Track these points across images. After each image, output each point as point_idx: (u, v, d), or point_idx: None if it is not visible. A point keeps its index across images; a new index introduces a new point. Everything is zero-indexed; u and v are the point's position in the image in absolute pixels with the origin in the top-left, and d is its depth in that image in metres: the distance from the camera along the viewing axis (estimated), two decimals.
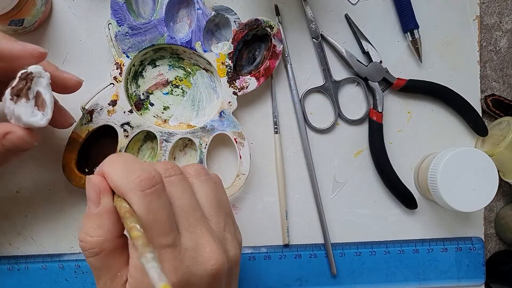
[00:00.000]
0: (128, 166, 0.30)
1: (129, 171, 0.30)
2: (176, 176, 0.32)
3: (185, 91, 0.47)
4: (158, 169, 0.31)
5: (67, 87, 0.39)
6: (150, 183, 0.29)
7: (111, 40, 0.45)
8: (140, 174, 0.29)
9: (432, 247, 0.49)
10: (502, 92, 0.51)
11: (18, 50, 0.34)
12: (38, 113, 0.34)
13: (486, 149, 0.48)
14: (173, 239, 0.30)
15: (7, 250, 0.47)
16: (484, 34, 0.51)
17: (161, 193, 0.30)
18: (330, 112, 0.49)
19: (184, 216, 0.31)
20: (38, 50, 0.35)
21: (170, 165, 0.33)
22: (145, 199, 0.29)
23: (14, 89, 0.33)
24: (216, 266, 0.31)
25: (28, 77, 0.33)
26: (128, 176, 0.29)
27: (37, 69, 0.34)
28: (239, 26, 0.46)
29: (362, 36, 0.49)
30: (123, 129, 0.45)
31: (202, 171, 0.35)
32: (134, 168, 0.30)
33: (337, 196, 0.49)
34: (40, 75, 0.34)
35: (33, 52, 0.34)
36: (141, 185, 0.29)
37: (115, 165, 0.31)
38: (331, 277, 0.49)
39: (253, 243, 0.49)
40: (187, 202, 0.32)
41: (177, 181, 0.32)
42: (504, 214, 0.50)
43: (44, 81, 0.34)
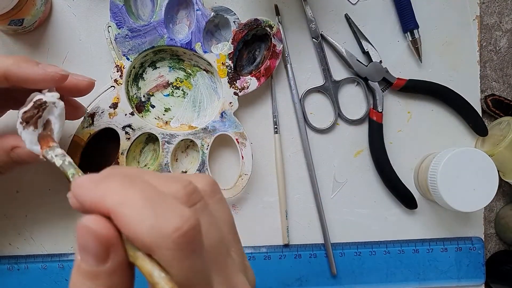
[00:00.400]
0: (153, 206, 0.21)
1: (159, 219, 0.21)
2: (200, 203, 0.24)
3: (186, 93, 0.47)
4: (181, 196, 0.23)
5: (80, 89, 0.38)
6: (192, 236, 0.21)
7: (111, 42, 0.45)
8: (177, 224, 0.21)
9: (432, 247, 0.49)
10: (502, 92, 0.51)
11: (39, 74, 0.33)
12: None
13: (486, 149, 0.48)
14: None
15: (7, 250, 0.47)
16: (484, 34, 0.51)
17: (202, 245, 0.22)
18: (330, 112, 0.49)
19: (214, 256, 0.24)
20: (60, 73, 0.34)
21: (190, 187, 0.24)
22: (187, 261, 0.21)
23: (25, 115, 0.32)
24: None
25: (41, 106, 0.33)
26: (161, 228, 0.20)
27: (52, 98, 0.33)
28: (238, 26, 0.45)
29: (362, 36, 0.49)
30: (125, 131, 0.45)
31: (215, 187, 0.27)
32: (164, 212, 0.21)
33: (337, 196, 0.49)
34: (54, 105, 0.33)
35: (54, 76, 0.34)
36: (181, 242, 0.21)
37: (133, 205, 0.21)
38: (331, 277, 0.49)
39: (253, 243, 0.49)
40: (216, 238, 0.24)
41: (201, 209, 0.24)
42: (504, 214, 0.50)
43: (56, 111, 0.33)
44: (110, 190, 0.22)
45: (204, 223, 0.23)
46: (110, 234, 0.21)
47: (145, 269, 0.21)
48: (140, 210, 0.21)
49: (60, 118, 0.34)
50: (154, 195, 0.22)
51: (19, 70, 0.33)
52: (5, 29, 0.45)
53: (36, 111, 0.32)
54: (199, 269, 0.22)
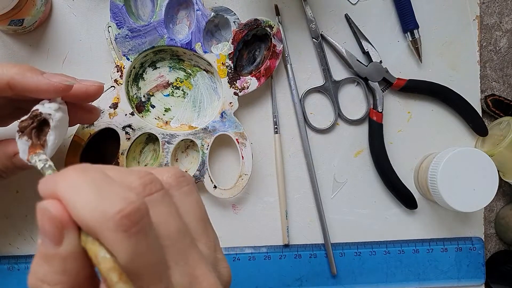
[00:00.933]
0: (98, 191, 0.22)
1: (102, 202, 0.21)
2: (158, 193, 0.24)
3: (186, 93, 0.47)
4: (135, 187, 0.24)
5: (90, 95, 0.37)
6: (135, 218, 0.21)
7: (111, 42, 0.45)
8: (120, 206, 0.21)
9: (432, 247, 0.49)
10: (502, 92, 0.51)
11: (44, 84, 0.33)
12: None
13: (486, 149, 0.48)
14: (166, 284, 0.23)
15: (7, 250, 0.47)
16: (484, 34, 0.51)
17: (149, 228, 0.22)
18: (330, 112, 0.49)
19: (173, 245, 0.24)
20: (64, 84, 0.34)
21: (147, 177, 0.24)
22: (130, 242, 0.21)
23: (21, 125, 0.32)
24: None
25: (35, 117, 0.33)
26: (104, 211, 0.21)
27: (49, 110, 0.33)
28: (238, 27, 0.46)
29: (362, 36, 0.49)
30: (125, 131, 0.45)
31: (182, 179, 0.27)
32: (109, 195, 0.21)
33: (337, 196, 0.49)
34: (50, 116, 0.33)
35: (58, 87, 0.33)
36: (123, 223, 0.21)
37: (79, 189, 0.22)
38: (331, 277, 0.49)
39: (253, 243, 0.49)
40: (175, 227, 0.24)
41: (160, 199, 0.24)
42: (504, 214, 0.50)
43: (52, 123, 0.33)
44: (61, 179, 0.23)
45: (161, 213, 0.24)
46: (63, 216, 0.22)
47: (92, 251, 0.22)
48: (84, 194, 0.21)
49: (56, 130, 0.33)
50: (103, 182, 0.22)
51: (24, 79, 0.33)
52: (5, 29, 0.45)
53: (31, 122, 0.32)
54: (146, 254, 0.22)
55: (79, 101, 0.38)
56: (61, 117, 0.34)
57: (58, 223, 0.22)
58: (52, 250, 0.22)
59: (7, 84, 0.33)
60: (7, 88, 0.33)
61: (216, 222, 0.48)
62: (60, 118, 0.34)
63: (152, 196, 0.24)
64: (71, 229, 0.22)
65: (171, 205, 0.25)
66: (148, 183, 0.24)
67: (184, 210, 0.26)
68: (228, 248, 0.48)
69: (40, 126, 0.33)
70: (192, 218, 0.27)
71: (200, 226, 0.27)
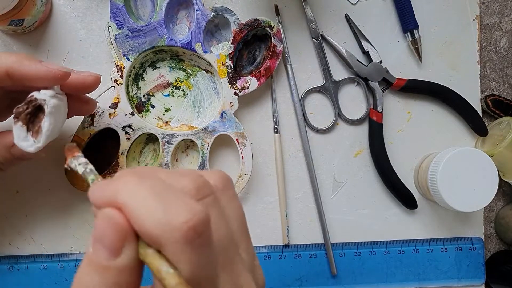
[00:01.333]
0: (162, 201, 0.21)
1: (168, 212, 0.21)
2: (210, 197, 0.24)
3: (186, 93, 0.47)
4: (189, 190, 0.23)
5: (88, 85, 0.38)
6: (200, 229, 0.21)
7: (111, 43, 0.45)
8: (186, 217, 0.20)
9: (432, 247, 0.49)
10: (502, 92, 0.51)
11: (42, 71, 0.34)
12: (31, 139, 0.34)
13: (486, 149, 0.48)
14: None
15: (7, 250, 0.47)
16: (484, 34, 0.51)
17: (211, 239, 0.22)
18: (330, 112, 0.49)
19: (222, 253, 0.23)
20: (62, 71, 0.34)
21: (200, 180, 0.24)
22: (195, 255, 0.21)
23: (16, 111, 0.33)
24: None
25: (30, 103, 0.33)
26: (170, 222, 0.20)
27: (44, 96, 0.33)
28: (238, 27, 0.46)
29: (362, 36, 0.49)
30: (125, 131, 0.45)
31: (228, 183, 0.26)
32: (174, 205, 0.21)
33: (337, 196, 0.49)
34: (44, 102, 0.33)
35: (56, 73, 0.34)
36: (190, 235, 0.20)
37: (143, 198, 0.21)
38: (331, 277, 0.49)
39: (253, 243, 0.48)
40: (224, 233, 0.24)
41: (211, 204, 0.24)
42: (504, 214, 0.50)
43: (47, 109, 0.33)
44: (121, 187, 0.22)
45: (213, 218, 0.23)
46: (128, 226, 0.21)
47: (154, 265, 0.21)
48: (149, 204, 0.21)
49: (51, 116, 0.34)
50: (164, 189, 0.22)
51: (22, 67, 0.33)
52: (5, 29, 0.45)
53: (25, 107, 0.33)
54: (207, 265, 0.21)
55: (77, 92, 0.38)
56: (57, 105, 0.34)
57: (122, 233, 0.21)
58: (107, 261, 0.21)
59: (6, 72, 0.33)
60: (5, 77, 0.34)
61: None
62: (55, 105, 0.34)
63: (205, 200, 0.23)
64: (132, 240, 0.21)
65: (221, 210, 0.24)
66: (201, 187, 0.24)
67: (230, 216, 0.25)
68: None
69: (36, 112, 0.34)
70: (235, 223, 0.26)
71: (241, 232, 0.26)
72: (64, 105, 0.36)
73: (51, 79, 0.34)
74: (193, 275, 0.21)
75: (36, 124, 0.34)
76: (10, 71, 0.33)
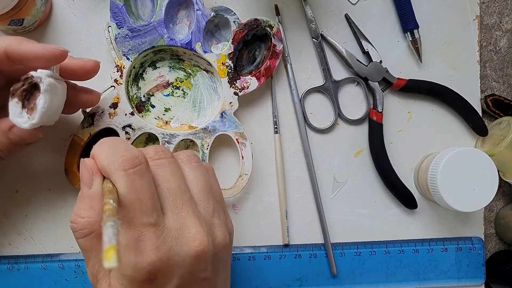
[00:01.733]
0: (114, 147, 0.32)
1: (113, 152, 0.31)
2: (166, 159, 0.33)
3: (186, 92, 0.47)
4: (149, 152, 0.33)
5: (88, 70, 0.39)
6: (133, 162, 0.30)
7: (111, 42, 0.45)
8: (123, 154, 0.30)
9: (432, 247, 0.49)
10: (502, 92, 0.51)
11: (40, 50, 0.35)
12: (25, 115, 0.34)
13: (486, 149, 0.48)
14: (156, 218, 0.30)
15: (7, 250, 0.47)
16: (484, 34, 0.51)
17: (144, 173, 0.31)
18: (330, 112, 0.49)
19: (171, 197, 0.32)
20: (59, 49, 0.35)
21: (161, 148, 0.34)
22: (127, 178, 0.30)
23: (12, 88, 0.34)
24: (201, 247, 0.31)
25: (26, 80, 0.34)
26: (112, 157, 0.31)
27: (40, 74, 0.34)
28: (238, 26, 0.45)
29: (362, 36, 0.49)
30: (125, 131, 0.45)
31: (193, 158, 0.36)
32: (119, 149, 0.31)
33: (337, 196, 0.49)
34: (40, 80, 0.34)
35: (54, 52, 0.35)
36: (123, 164, 0.30)
37: (103, 147, 0.32)
38: (331, 277, 0.49)
39: (253, 243, 0.49)
40: (175, 184, 0.32)
41: (167, 163, 0.33)
42: (504, 214, 0.50)
43: (42, 86, 0.34)
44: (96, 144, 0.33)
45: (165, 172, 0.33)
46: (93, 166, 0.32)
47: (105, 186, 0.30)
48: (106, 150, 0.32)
49: (46, 94, 0.34)
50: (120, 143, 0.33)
51: (20, 46, 0.35)
52: (5, 29, 0.45)
53: (21, 84, 0.34)
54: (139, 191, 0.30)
55: (77, 77, 0.39)
56: (53, 84, 0.35)
57: (90, 170, 0.32)
58: (85, 192, 0.32)
59: (4, 51, 0.34)
60: (4, 57, 0.35)
61: None
62: (51, 84, 0.35)
63: (161, 160, 0.33)
64: (98, 175, 0.32)
65: (176, 169, 0.34)
66: (159, 150, 0.34)
67: (190, 179, 0.35)
68: None
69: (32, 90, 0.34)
70: (195, 185, 0.34)
71: (201, 193, 0.34)
72: (62, 89, 0.37)
73: (48, 57, 0.35)
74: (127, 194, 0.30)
75: (32, 101, 0.34)
76: (9, 50, 0.34)
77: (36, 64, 0.35)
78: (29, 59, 0.35)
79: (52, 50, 0.35)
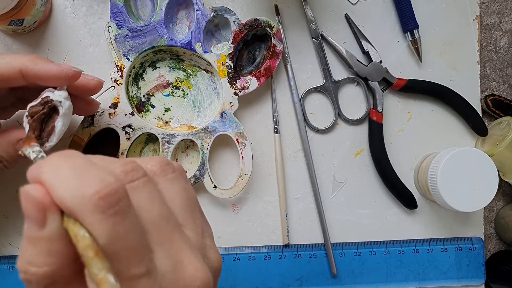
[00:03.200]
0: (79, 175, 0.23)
1: (81, 185, 0.22)
2: (140, 180, 0.25)
3: (186, 93, 0.47)
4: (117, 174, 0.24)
5: (90, 89, 0.39)
6: (112, 199, 0.22)
7: (111, 42, 0.45)
8: (97, 188, 0.22)
9: (432, 247, 0.49)
10: (502, 92, 0.51)
11: (54, 70, 0.35)
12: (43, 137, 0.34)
13: (486, 149, 0.48)
14: (147, 266, 0.23)
15: (7, 250, 0.47)
16: (484, 34, 0.51)
17: (127, 210, 0.23)
18: (330, 112, 0.49)
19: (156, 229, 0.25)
20: (74, 70, 0.35)
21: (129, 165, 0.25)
22: (108, 223, 0.22)
23: (31, 110, 0.34)
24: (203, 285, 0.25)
25: (47, 103, 0.34)
26: (82, 193, 0.22)
27: (60, 97, 0.34)
28: (238, 27, 0.45)
29: (362, 36, 0.49)
30: (125, 131, 0.45)
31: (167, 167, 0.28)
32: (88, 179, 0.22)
33: (337, 196, 0.49)
34: (60, 104, 0.34)
35: (68, 73, 0.35)
36: (100, 204, 0.22)
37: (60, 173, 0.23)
38: (331, 277, 0.49)
39: (253, 243, 0.49)
40: (158, 212, 0.25)
41: (142, 186, 0.25)
42: (504, 214, 0.50)
43: (61, 110, 0.34)
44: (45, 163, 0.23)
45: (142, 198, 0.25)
46: (45, 199, 0.22)
47: (72, 231, 0.22)
48: (65, 177, 0.22)
49: (64, 117, 0.34)
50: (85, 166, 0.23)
51: (35, 66, 0.34)
52: (5, 29, 0.45)
53: (41, 108, 0.34)
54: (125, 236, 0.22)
55: (79, 94, 0.39)
56: (70, 106, 0.35)
57: (41, 205, 0.22)
58: (36, 232, 0.23)
59: (19, 71, 0.34)
60: (19, 76, 0.34)
61: (216, 222, 0.48)
62: (69, 107, 0.35)
63: (134, 183, 0.25)
64: (54, 211, 0.23)
65: (153, 191, 0.26)
66: (129, 170, 0.25)
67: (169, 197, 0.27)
68: (228, 248, 0.48)
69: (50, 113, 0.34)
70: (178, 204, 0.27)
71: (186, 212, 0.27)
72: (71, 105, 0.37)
73: (62, 78, 0.35)
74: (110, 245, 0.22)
75: (50, 124, 0.34)
76: (24, 69, 0.34)
77: (49, 84, 0.35)
78: (43, 79, 0.35)
79: (66, 71, 0.35)
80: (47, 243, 0.23)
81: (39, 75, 0.34)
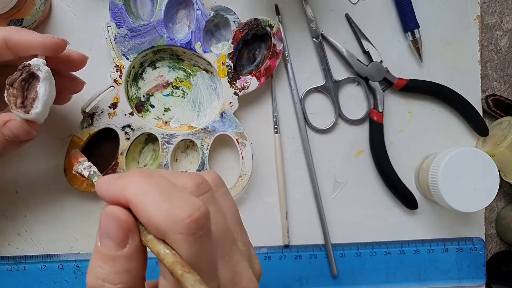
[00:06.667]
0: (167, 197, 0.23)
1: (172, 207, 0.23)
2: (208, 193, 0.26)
3: (186, 92, 0.47)
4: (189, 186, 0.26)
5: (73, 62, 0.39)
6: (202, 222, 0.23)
7: (111, 42, 0.44)
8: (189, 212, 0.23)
9: (432, 248, 0.49)
10: (503, 92, 0.51)
11: (39, 37, 0.35)
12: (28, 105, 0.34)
13: (487, 149, 0.48)
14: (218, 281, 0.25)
15: (6, 251, 0.47)
16: (485, 34, 0.51)
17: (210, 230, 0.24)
18: (330, 112, 0.49)
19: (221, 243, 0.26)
20: (58, 38, 0.35)
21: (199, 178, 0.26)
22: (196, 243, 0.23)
23: (9, 79, 0.34)
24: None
25: (24, 69, 0.34)
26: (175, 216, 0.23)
27: (37, 62, 0.34)
28: (238, 26, 0.45)
29: (363, 36, 0.49)
30: (124, 131, 0.45)
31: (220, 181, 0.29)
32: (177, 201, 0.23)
33: (337, 196, 0.49)
34: (38, 68, 0.34)
35: (53, 41, 0.35)
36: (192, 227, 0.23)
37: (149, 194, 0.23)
38: (331, 277, 0.49)
39: (253, 243, 0.48)
40: (222, 225, 0.26)
41: (209, 199, 0.26)
42: (505, 215, 0.50)
43: (41, 74, 0.34)
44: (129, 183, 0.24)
45: (211, 212, 0.25)
46: (130, 220, 0.24)
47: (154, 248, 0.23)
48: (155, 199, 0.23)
49: (45, 81, 0.34)
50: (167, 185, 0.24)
51: (19, 35, 0.34)
52: None
53: (20, 74, 0.34)
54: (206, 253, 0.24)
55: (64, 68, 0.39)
56: (50, 72, 0.35)
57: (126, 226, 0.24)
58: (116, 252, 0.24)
59: (3, 40, 0.34)
60: (3, 45, 0.34)
61: None
62: (49, 72, 0.35)
63: (203, 196, 0.26)
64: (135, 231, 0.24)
65: (218, 205, 0.27)
66: (199, 183, 0.26)
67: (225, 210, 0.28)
68: None
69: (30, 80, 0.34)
70: (230, 217, 0.28)
71: (237, 225, 0.29)
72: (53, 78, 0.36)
73: (48, 46, 0.35)
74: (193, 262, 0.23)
75: (32, 91, 0.34)
76: (8, 38, 0.34)
77: (35, 52, 0.35)
78: (28, 48, 0.35)
79: (50, 39, 0.35)
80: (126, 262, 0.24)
81: (24, 44, 0.34)
